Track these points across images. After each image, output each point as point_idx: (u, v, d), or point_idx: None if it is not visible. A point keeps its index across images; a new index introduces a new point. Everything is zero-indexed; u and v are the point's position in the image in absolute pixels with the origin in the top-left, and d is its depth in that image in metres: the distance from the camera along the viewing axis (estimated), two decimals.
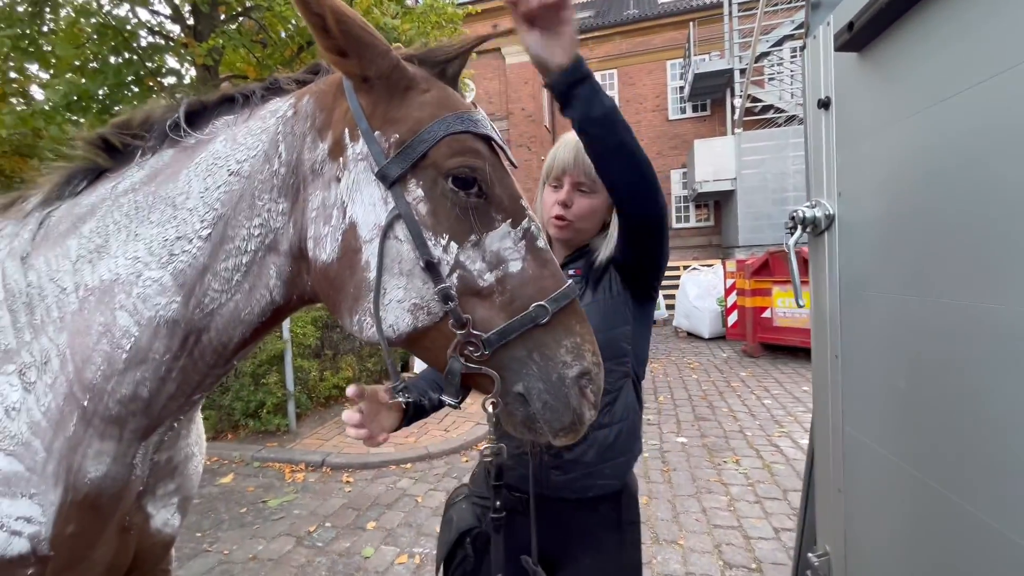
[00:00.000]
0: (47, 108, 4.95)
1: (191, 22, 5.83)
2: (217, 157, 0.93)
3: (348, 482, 4.08)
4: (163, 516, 1.08)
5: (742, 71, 13.39)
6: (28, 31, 5.38)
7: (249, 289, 0.92)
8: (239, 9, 6.04)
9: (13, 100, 5.91)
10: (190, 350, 0.91)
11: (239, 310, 0.92)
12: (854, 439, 0.98)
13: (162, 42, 5.86)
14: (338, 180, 0.89)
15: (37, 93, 6.29)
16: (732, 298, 9.15)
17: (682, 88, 16.29)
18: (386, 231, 0.86)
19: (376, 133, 0.87)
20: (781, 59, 13.19)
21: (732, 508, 3.44)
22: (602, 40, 17.03)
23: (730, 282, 9.10)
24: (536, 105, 15.38)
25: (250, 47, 5.81)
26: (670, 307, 11.98)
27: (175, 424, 1.00)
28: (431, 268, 0.84)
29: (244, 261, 0.91)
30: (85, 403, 0.88)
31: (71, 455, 0.88)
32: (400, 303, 0.86)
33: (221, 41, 5.28)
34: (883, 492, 0.91)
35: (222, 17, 5.95)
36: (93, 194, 0.96)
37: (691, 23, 14.75)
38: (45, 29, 5.57)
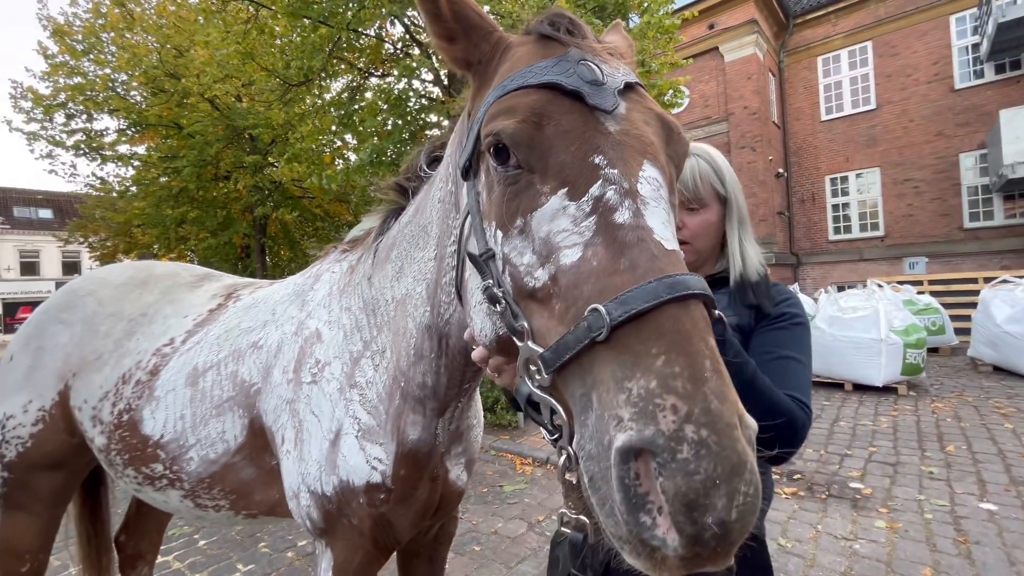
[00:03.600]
0: (358, 166, 6.72)
1: (447, 83, 7.15)
2: (434, 187, 1.12)
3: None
4: (456, 471, 1.36)
5: None
6: (347, 110, 7.43)
7: (471, 316, 1.01)
8: None
9: (339, 162, 8.19)
10: (445, 350, 1.12)
11: (463, 319, 1.02)
12: None
13: (427, 103, 7.34)
14: (463, 183, 0.89)
15: (351, 156, 8.60)
16: None
17: (976, 46, 12.45)
18: (463, 229, 0.81)
19: (472, 125, 0.81)
20: None
21: None
22: (848, 11, 14.29)
23: None
24: (761, 101, 13.80)
25: None
26: (961, 331, 9.16)
27: (459, 404, 1.26)
28: (477, 263, 0.73)
29: (454, 276, 0.99)
30: (403, 384, 1.19)
31: (398, 420, 1.20)
32: (479, 305, 0.78)
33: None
34: None
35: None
36: (395, 228, 1.28)
37: None
38: (356, 108, 7.59)
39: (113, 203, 11.72)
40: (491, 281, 0.70)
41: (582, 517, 0.68)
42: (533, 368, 0.63)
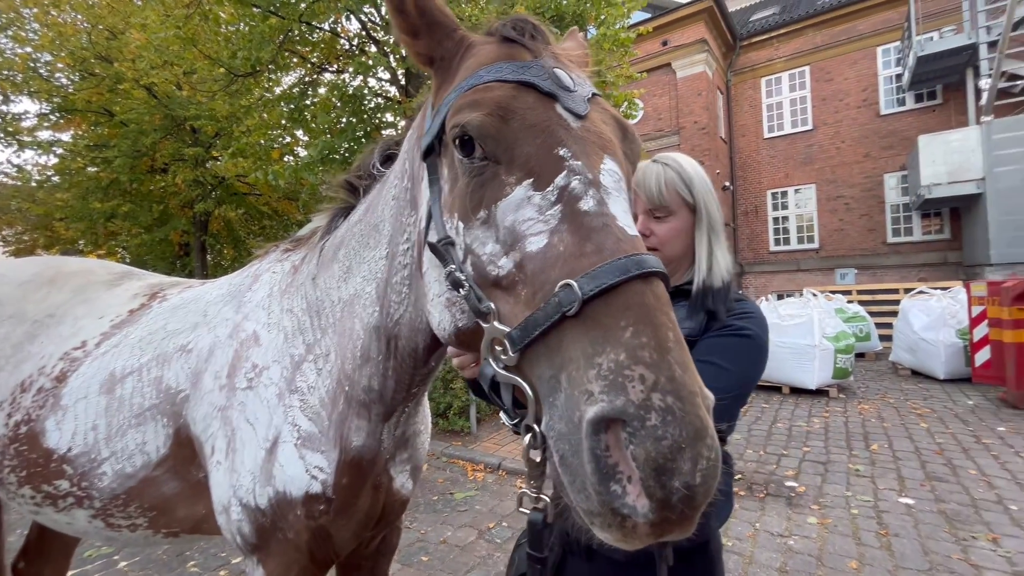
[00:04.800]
0: (308, 162, 6.48)
1: (404, 83, 7.03)
2: (387, 185, 1.10)
3: (522, 487, 4.33)
4: (401, 479, 1.32)
5: (991, 44, 10.64)
6: (297, 105, 7.15)
7: (415, 300, 1.01)
8: None
9: (287, 158, 7.87)
10: (394, 352, 1.09)
11: (414, 319, 1.02)
12: None
13: (383, 102, 7.19)
14: (422, 180, 0.88)
15: (300, 151, 8.29)
16: (981, 330, 7.17)
17: (899, 76, 13.62)
18: (428, 221, 0.80)
19: (434, 120, 0.81)
20: None
21: None
22: (789, 37, 15.29)
23: (978, 310, 7.15)
24: (710, 116, 14.49)
25: None
26: (884, 338, 9.93)
27: (405, 409, 1.22)
28: (438, 252, 0.74)
29: (406, 275, 1.00)
30: (347, 388, 1.14)
31: (341, 426, 1.15)
32: (439, 297, 0.79)
33: (426, 95, 6.26)
34: None
35: (426, 75, 7.05)
36: (344, 227, 1.23)
37: None
38: (308, 103, 7.32)
39: (32, 194, 10.72)
40: (454, 266, 0.70)
41: (544, 496, 0.68)
42: (499, 348, 0.64)
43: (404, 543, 3.42)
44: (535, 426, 0.60)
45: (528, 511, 0.71)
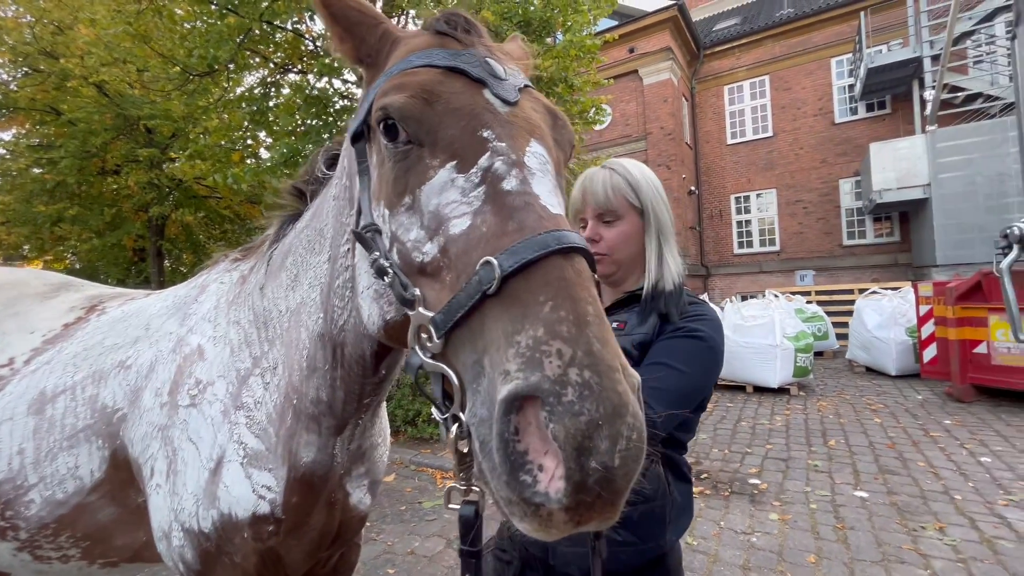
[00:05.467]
0: (270, 165, 6.29)
1: None
2: (330, 186, 1.06)
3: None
4: (358, 495, 1.27)
5: (935, 58, 11.32)
6: (259, 107, 6.95)
7: (359, 304, 0.98)
8: None
9: (249, 160, 7.62)
10: (340, 360, 1.04)
11: (359, 324, 0.97)
12: None
13: (349, 104, 7.06)
14: (356, 174, 0.86)
15: (263, 154, 8.05)
16: (928, 328, 7.57)
17: (851, 87, 14.30)
18: (358, 212, 0.79)
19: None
20: (992, 36, 10.84)
21: None
22: (749, 47, 15.86)
23: (925, 309, 7.56)
24: (675, 123, 14.85)
25: None
26: (841, 336, 10.37)
27: (359, 421, 1.17)
28: (364, 241, 0.73)
29: (348, 277, 0.96)
30: (295, 401, 1.09)
31: (289, 442, 1.10)
32: (367, 290, 0.78)
33: None
34: None
35: None
36: (292, 234, 1.18)
37: (862, 13, 12.96)
38: (271, 104, 7.12)
39: None
40: (378, 254, 0.69)
41: (473, 489, 0.64)
42: (424, 336, 0.62)
43: (370, 555, 3.34)
44: (461, 415, 0.58)
45: (457, 506, 0.66)
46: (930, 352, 7.59)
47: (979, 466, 4.43)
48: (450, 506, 0.68)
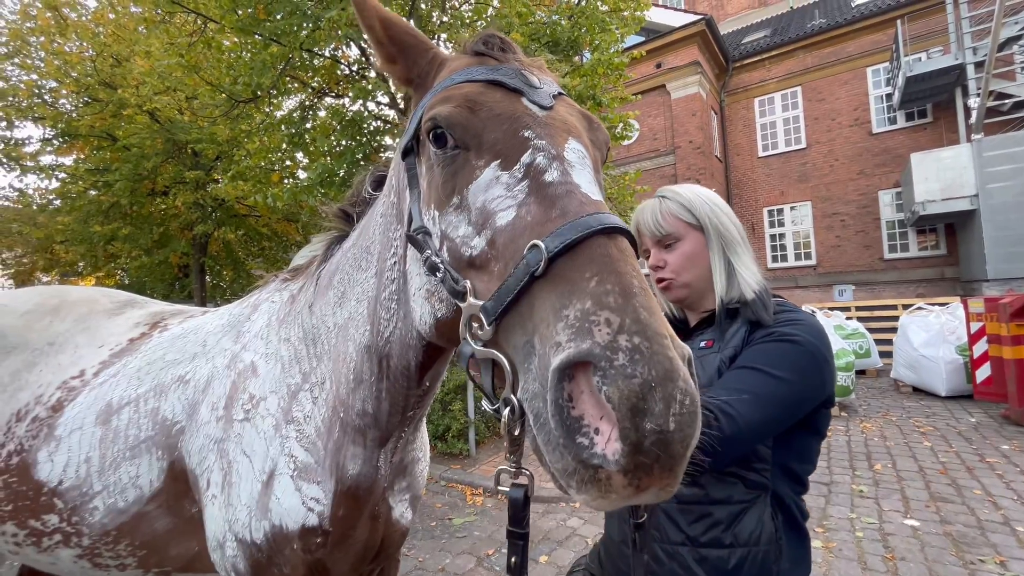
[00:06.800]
0: (307, 185, 6.54)
1: (402, 106, 7.15)
2: (377, 204, 1.12)
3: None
4: (400, 509, 1.30)
5: (978, 64, 10.88)
6: (298, 129, 7.26)
7: (404, 315, 1.01)
8: None
9: (287, 180, 7.95)
10: (387, 372, 1.08)
11: (404, 335, 1.02)
12: None
13: (382, 125, 7.30)
14: (405, 188, 0.92)
15: (300, 174, 8.38)
16: (981, 346, 7.15)
17: (890, 96, 13.87)
18: (409, 220, 0.84)
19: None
20: None
21: None
22: (780, 58, 15.62)
23: (977, 326, 7.15)
24: (705, 136, 14.69)
25: None
26: (885, 355, 9.90)
27: (402, 434, 1.20)
28: (415, 242, 0.79)
29: (394, 290, 1.01)
30: (342, 414, 1.13)
31: (337, 455, 1.13)
32: (420, 291, 0.83)
33: None
34: None
35: None
36: (339, 254, 1.24)
37: (898, 21, 12.63)
38: (308, 126, 7.43)
39: (33, 217, 10.80)
40: (430, 252, 0.73)
41: (524, 469, 0.66)
42: (475, 325, 0.64)
43: (402, 572, 3.35)
44: (512, 397, 0.59)
45: (507, 488, 0.69)
46: (983, 372, 7.16)
47: None
48: (499, 488, 0.70)
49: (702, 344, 1.11)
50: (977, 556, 3.27)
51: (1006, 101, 10.85)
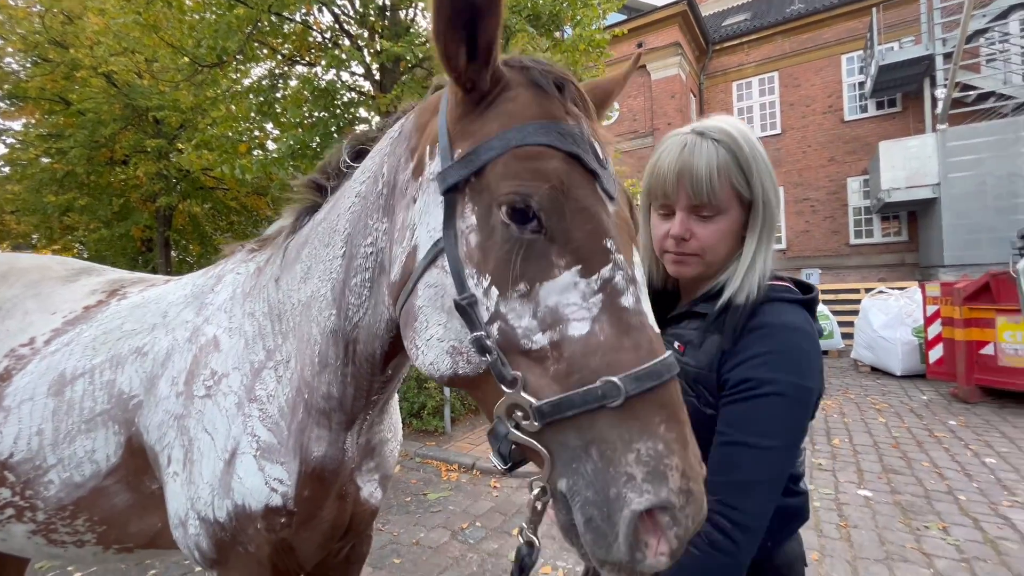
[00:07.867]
0: (277, 157, 6.31)
1: (378, 77, 6.92)
2: (353, 181, 1.06)
3: (495, 487, 4.33)
4: (368, 488, 1.29)
5: (947, 56, 11.17)
6: (267, 98, 6.96)
7: (374, 305, 0.99)
8: (414, 62, 7.01)
9: (256, 152, 7.64)
10: (352, 357, 1.05)
11: (372, 324, 1.00)
12: None
13: (356, 96, 7.05)
14: (414, 200, 0.85)
15: (270, 145, 8.06)
16: (935, 328, 7.51)
17: (862, 84, 14.15)
18: (433, 258, 0.77)
19: (455, 151, 0.77)
20: (1006, 35, 10.69)
21: None
22: (759, 43, 15.70)
23: (932, 309, 7.49)
24: (683, 118, 14.75)
25: (422, 93, 6.69)
26: (847, 336, 10.32)
27: (367, 416, 1.18)
28: (463, 311, 0.72)
29: (367, 278, 0.98)
30: (307, 395, 1.10)
31: (301, 436, 1.11)
32: (440, 342, 0.77)
33: (400, 90, 6.18)
34: None
35: (401, 70, 6.96)
36: (309, 225, 1.18)
37: (873, 9, 12.81)
38: (278, 96, 7.12)
39: None
40: (482, 333, 0.70)
41: (534, 538, 0.74)
42: (519, 414, 0.67)
43: (376, 546, 3.37)
44: (552, 487, 0.67)
45: (523, 539, 0.76)
46: (936, 352, 7.55)
47: (983, 467, 4.42)
48: (519, 536, 0.79)
49: (675, 344, 1.00)
50: (923, 523, 3.49)
51: (971, 93, 11.21)
